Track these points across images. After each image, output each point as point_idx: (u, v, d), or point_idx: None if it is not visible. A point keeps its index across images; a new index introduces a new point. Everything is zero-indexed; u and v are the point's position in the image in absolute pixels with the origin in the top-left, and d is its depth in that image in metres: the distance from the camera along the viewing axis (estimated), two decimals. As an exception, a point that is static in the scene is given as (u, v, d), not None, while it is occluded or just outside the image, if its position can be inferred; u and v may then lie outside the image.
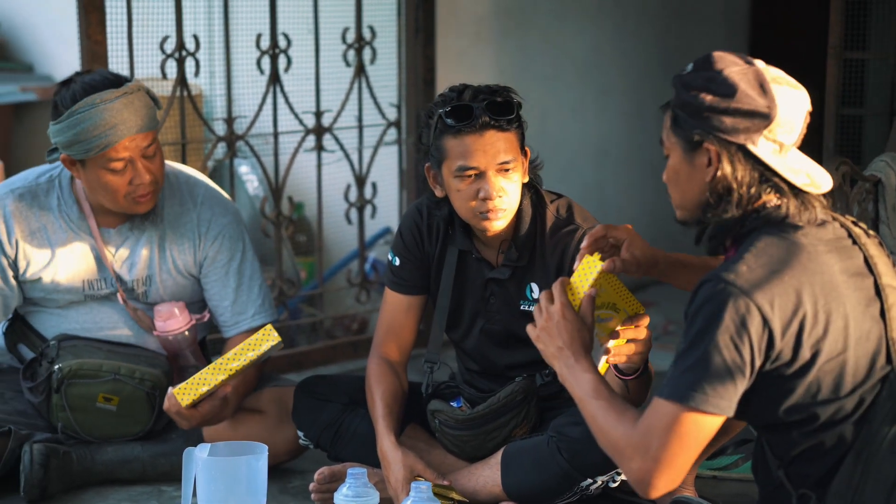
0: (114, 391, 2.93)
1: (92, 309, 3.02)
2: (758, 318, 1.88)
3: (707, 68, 1.98)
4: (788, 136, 1.97)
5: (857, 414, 1.94)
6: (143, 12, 3.63)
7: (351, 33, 4.02)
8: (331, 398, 2.87)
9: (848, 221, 2.05)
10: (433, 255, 2.82)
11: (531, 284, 2.74)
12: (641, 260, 2.29)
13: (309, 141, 3.99)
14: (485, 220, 2.62)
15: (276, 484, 2.92)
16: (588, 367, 2.09)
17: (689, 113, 1.97)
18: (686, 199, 2.03)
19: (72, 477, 2.91)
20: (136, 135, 2.85)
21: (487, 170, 2.58)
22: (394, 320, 2.86)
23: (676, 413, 1.89)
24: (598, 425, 2.02)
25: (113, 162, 2.85)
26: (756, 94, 1.94)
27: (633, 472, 1.94)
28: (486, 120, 2.56)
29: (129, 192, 2.89)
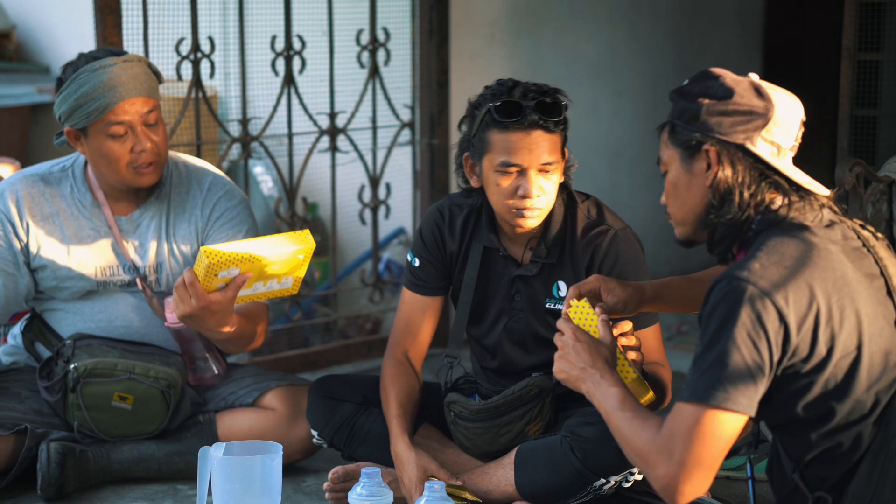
0: (129, 390, 2.95)
1: (105, 304, 3.03)
2: (774, 314, 1.88)
3: (704, 78, 2.02)
4: (785, 138, 1.99)
5: (874, 415, 1.93)
6: (158, 14, 3.65)
7: (365, 35, 4.03)
8: (345, 398, 2.88)
9: (856, 224, 2.05)
10: (456, 253, 2.82)
11: (558, 283, 2.75)
12: (625, 297, 2.29)
13: (323, 142, 4.00)
14: (519, 217, 2.64)
15: (290, 483, 2.94)
16: (614, 382, 2.08)
17: (688, 119, 2.00)
18: (686, 210, 2.04)
19: (88, 475, 2.93)
20: (136, 98, 2.89)
21: (529, 168, 2.60)
22: (410, 321, 2.87)
23: (698, 414, 1.88)
24: (623, 436, 2.01)
25: (113, 126, 2.88)
26: (753, 95, 1.98)
27: (660, 478, 1.92)
28: (534, 119, 2.57)
29: (132, 161, 2.91)
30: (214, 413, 3.05)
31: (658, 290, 2.32)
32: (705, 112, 1.98)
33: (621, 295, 2.28)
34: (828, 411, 1.93)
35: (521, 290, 2.77)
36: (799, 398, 1.93)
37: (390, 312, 4.35)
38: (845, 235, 2.00)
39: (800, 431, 1.97)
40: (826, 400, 1.93)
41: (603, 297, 2.29)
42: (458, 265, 2.83)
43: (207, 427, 3.02)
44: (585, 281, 2.31)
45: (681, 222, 2.07)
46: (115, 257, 3.02)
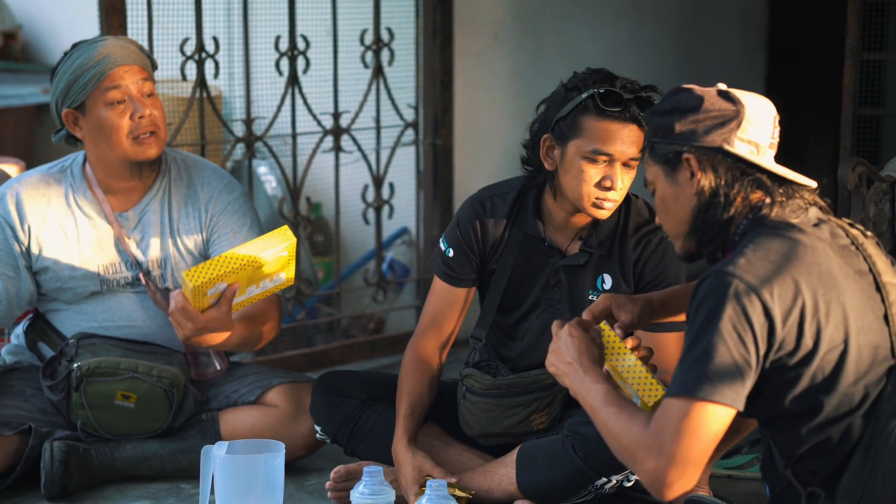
0: (132, 389, 2.96)
1: (109, 304, 3.04)
2: (759, 308, 1.90)
3: (673, 94, 2.08)
4: (761, 136, 2.03)
5: (864, 408, 1.94)
6: (163, 14, 3.66)
7: (369, 35, 4.04)
8: (349, 394, 2.88)
9: (844, 223, 2.07)
10: (498, 241, 2.80)
11: (604, 275, 2.76)
12: (637, 311, 2.30)
13: (327, 142, 4.01)
14: (597, 207, 2.64)
15: (292, 482, 2.94)
16: (598, 379, 2.09)
17: (663, 134, 2.05)
18: (679, 222, 2.08)
19: (92, 474, 2.94)
20: (131, 66, 2.93)
21: (619, 160, 2.61)
22: (439, 311, 2.85)
23: (686, 407, 1.89)
24: (610, 431, 2.02)
25: (110, 91, 2.90)
26: (721, 100, 2.03)
27: (648, 473, 1.92)
28: (635, 113, 2.59)
29: (132, 129, 2.92)
30: (217, 411, 3.06)
31: (665, 300, 2.33)
32: (679, 124, 2.03)
33: (633, 309, 2.29)
34: (816, 405, 1.94)
35: (563, 281, 2.77)
36: (787, 392, 1.95)
37: (394, 312, 4.36)
38: (833, 233, 2.02)
39: (789, 426, 1.98)
40: (814, 393, 1.94)
41: (615, 314, 2.29)
42: (496, 254, 2.81)
43: (210, 425, 3.03)
44: (596, 303, 2.30)
45: (677, 236, 2.11)
46: (117, 254, 3.03)
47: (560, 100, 2.67)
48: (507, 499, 2.71)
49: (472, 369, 2.77)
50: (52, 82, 2.98)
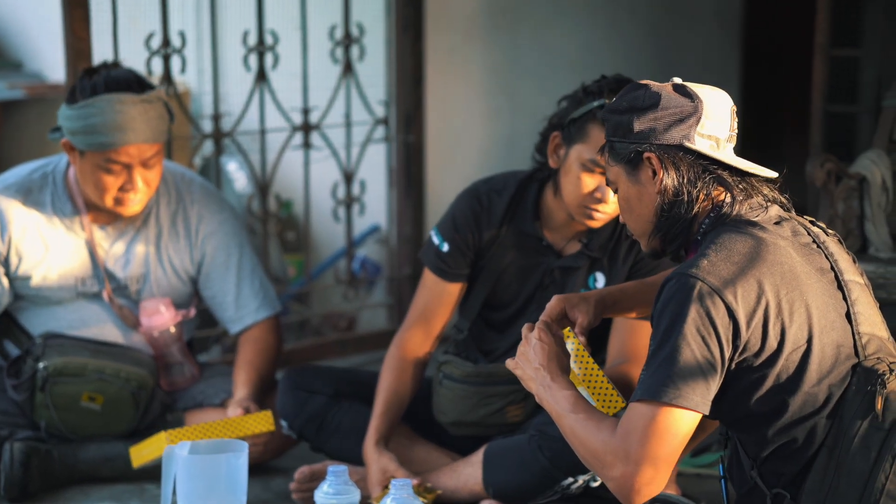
0: (98, 390, 2.92)
1: (80, 306, 3.01)
2: (723, 310, 1.88)
3: (628, 91, 2.06)
4: (720, 129, 2.01)
5: (828, 408, 1.93)
6: (128, 8, 3.61)
7: (339, 30, 4.00)
8: (317, 390, 2.86)
9: (805, 221, 2.06)
10: (493, 238, 2.78)
11: (596, 274, 2.75)
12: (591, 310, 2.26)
13: (296, 138, 3.98)
14: (587, 217, 2.64)
15: (258, 483, 2.91)
16: (565, 385, 2.06)
17: (623, 133, 2.03)
18: (643, 221, 2.06)
19: (54, 475, 2.90)
20: (143, 144, 2.87)
21: None
22: (428, 306, 2.82)
23: (652, 412, 1.88)
24: (577, 438, 1.99)
25: (112, 164, 2.87)
26: (678, 96, 2.01)
27: (616, 479, 1.91)
28: None
29: (118, 197, 2.90)
30: (183, 412, 3.02)
31: (616, 296, 2.31)
32: (637, 122, 2.01)
33: (588, 309, 2.26)
34: (780, 405, 1.93)
35: (556, 281, 2.76)
36: (752, 392, 1.93)
37: (365, 310, 4.33)
38: (795, 231, 2.01)
39: (755, 427, 1.97)
40: (778, 393, 1.93)
41: (570, 315, 2.26)
42: (491, 250, 2.79)
43: (175, 426, 2.99)
44: (550, 306, 2.24)
45: (641, 234, 2.09)
46: (91, 267, 3.00)
47: (577, 101, 2.66)
48: (473, 498, 2.69)
49: (452, 356, 2.75)
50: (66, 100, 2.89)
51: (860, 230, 3.20)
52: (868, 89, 3.94)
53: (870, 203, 3.18)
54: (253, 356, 3.04)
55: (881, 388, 1.90)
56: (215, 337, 3.92)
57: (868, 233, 3.21)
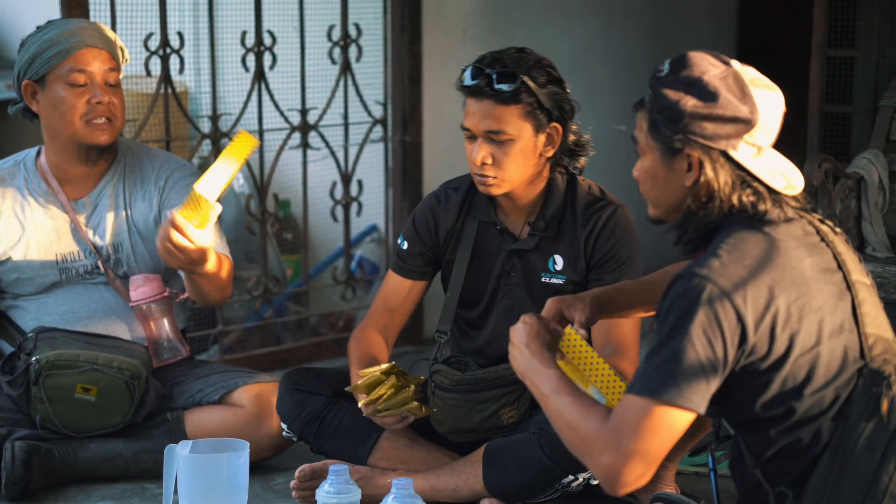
0: (92, 381, 2.92)
1: (68, 296, 3.01)
2: (732, 313, 1.87)
3: (686, 71, 1.96)
4: (767, 138, 1.97)
5: (834, 410, 1.93)
6: (126, 9, 3.63)
7: (337, 31, 4.01)
8: (315, 391, 2.86)
9: (815, 219, 2.04)
10: (451, 230, 2.82)
11: (554, 256, 2.76)
12: (587, 308, 2.27)
13: (294, 138, 3.98)
14: (481, 185, 2.68)
15: (258, 481, 2.92)
16: (547, 363, 2.06)
17: (669, 118, 1.96)
18: (663, 199, 2.02)
19: (54, 474, 2.90)
20: (100, 50, 2.92)
21: (477, 134, 2.65)
22: (388, 301, 2.87)
23: (648, 407, 1.88)
24: (564, 421, 1.99)
25: (74, 73, 2.89)
26: (737, 99, 1.94)
27: (603, 467, 1.91)
28: (480, 86, 2.61)
29: (86, 113, 2.91)
30: (183, 411, 3.03)
31: (612, 296, 2.31)
32: (688, 115, 1.94)
33: (583, 307, 2.27)
34: (787, 409, 1.93)
35: (517, 266, 2.78)
36: (758, 396, 1.93)
37: (363, 310, 4.33)
38: (805, 230, 2.00)
39: (760, 428, 1.97)
40: (785, 398, 1.92)
41: (567, 315, 2.26)
42: (451, 244, 2.83)
43: (176, 425, 2.99)
44: (546, 308, 2.26)
45: (655, 205, 2.05)
46: (75, 243, 3.01)
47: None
48: (474, 497, 2.70)
49: (441, 365, 2.77)
50: (19, 52, 2.96)
51: (858, 230, 3.22)
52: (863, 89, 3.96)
53: (867, 203, 3.20)
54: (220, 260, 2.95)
55: (887, 390, 1.90)
56: (214, 337, 3.93)
57: (865, 232, 3.23)
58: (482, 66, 2.62)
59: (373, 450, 2.80)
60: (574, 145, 2.74)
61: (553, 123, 2.67)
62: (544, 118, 2.65)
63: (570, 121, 2.70)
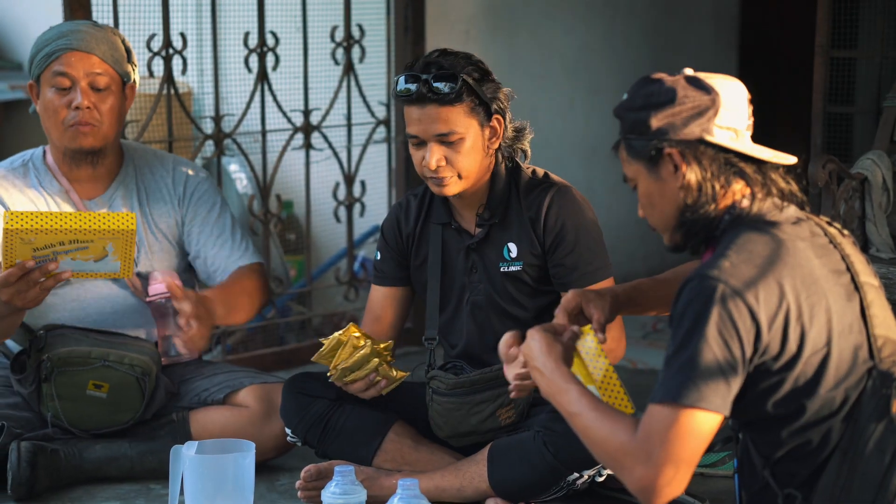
0: (104, 378, 2.93)
1: (77, 294, 3.01)
2: (745, 312, 1.87)
3: (642, 87, 2.04)
4: (738, 120, 2.00)
5: (844, 411, 1.93)
6: (129, 10, 3.63)
7: (340, 31, 4.01)
8: (318, 394, 2.87)
9: (822, 221, 2.05)
10: (411, 235, 2.87)
11: (508, 245, 2.78)
12: (606, 306, 2.28)
13: (297, 139, 3.99)
14: (435, 185, 2.70)
15: (263, 482, 2.92)
16: (567, 378, 2.06)
17: (640, 131, 2.01)
18: (665, 216, 2.05)
19: (60, 475, 2.90)
20: (88, 55, 2.92)
21: (426, 140, 2.66)
22: (372, 311, 2.93)
23: (673, 414, 1.87)
24: (592, 438, 1.99)
25: (58, 77, 2.91)
26: (694, 89, 2.00)
27: (637, 480, 1.90)
28: (422, 92, 2.63)
29: (67, 118, 2.92)
30: (188, 411, 3.03)
31: (630, 294, 2.31)
32: (654, 119, 1.99)
33: (602, 305, 2.27)
34: (798, 408, 1.93)
35: (477, 261, 2.81)
36: (769, 396, 1.93)
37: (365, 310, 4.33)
38: (812, 232, 2.01)
39: (770, 428, 1.97)
40: (796, 397, 1.92)
41: (585, 310, 2.27)
42: (413, 248, 2.87)
43: (181, 425, 3.00)
44: (566, 299, 2.27)
45: (664, 229, 2.07)
46: None
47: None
48: (479, 497, 2.70)
49: (437, 371, 2.78)
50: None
51: (861, 230, 3.22)
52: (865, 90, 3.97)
53: (871, 203, 3.20)
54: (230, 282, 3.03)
55: None
56: (216, 337, 3.93)
57: (869, 233, 3.23)
58: (416, 73, 2.64)
59: (377, 451, 2.80)
60: (515, 132, 2.77)
61: (495, 116, 2.70)
62: (486, 112, 2.69)
63: (506, 110, 2.73)
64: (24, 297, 2.69)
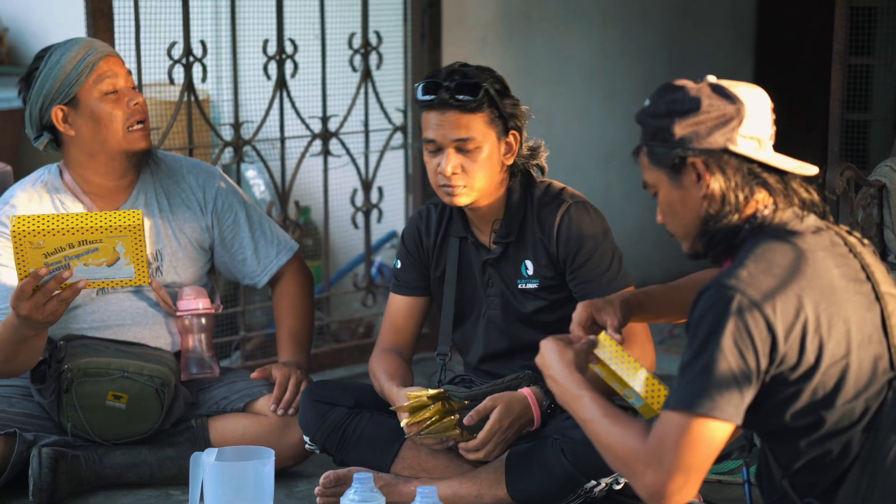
0: (123, 389, 2.95)
1: (98, 305, 3.03)
2: (762, 323, 1.88)
3: (665, 94, 2.03)
4: (762, 129, 2.01)
5: (864, 422, 1.93)
6: (150, 18, 3.65)
7: (357, 39, 4.03)
8: (336, 402, 2.88)
9: (843, 231, 2.05)
10: (431, 247, 2.88)
11: (525, 262, 2.79)
12: (617, 311, 2.28)
13: (315, 146, 4.00)
14: (447, 195, 2.71)
15: (282, 488, 2.94)
16: (582, 385, 2.07)
17: (663, 139, 2.01)
18: (686, 224, 2.04)
19: (80, 481, 2.93)
20: (116, 58, 2.98)
21: (445, 145, 2.67)
22: (393, 322, 2.93)
23: (686, 422, 1.88)
24: (605, 444, 2.00)
25: (104, 80, 2.94)
26: (719, 99, 1.99)
27: (648, 486, 1.91)
28: (444, 98, 2.65)
29: (128, 118, 2.95)
30: (207, 418, 3.05)
31: (641, 300, 2.32)
32: (678, 128, 1.99)
33: (613, 311, 2.27)
34: (817, 419, 1.93)
35: (493, 276, 2.82)
36: (787, 406, 1.93)
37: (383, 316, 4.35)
38: (832, 241, 2.00)
39: (789, 439, 1.97)
40: (815, 408, 1.93)
41: (598, 319, 2.27)
42: (434, 260, 2.88)
43: (200, 432, 3.02)
44: (576, 313, 2.28)
45: (684, 237, 2.07)
46: None
47: None
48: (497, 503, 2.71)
49: (448, 385, 2.79)
50: (29, 88, 2.96)
51: (879, 238, 3.22)
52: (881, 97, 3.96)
53: (889, 211, 3.20)
54: (290, 319, 3.17)
55: None
56: (236, 343, 3.95)
57: (887, 240, 3.22)
58: (439, 80, 2.67)
59: (395, 458, 2.82)
60: (529, 150, 2.79)
61: (512, 131, 2.72)
62: (503, 126, 2.71)
63: (523, 128, 2.75)
64: (42, 311, 2.69)
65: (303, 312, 3.20)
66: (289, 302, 3.18)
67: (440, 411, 2.65)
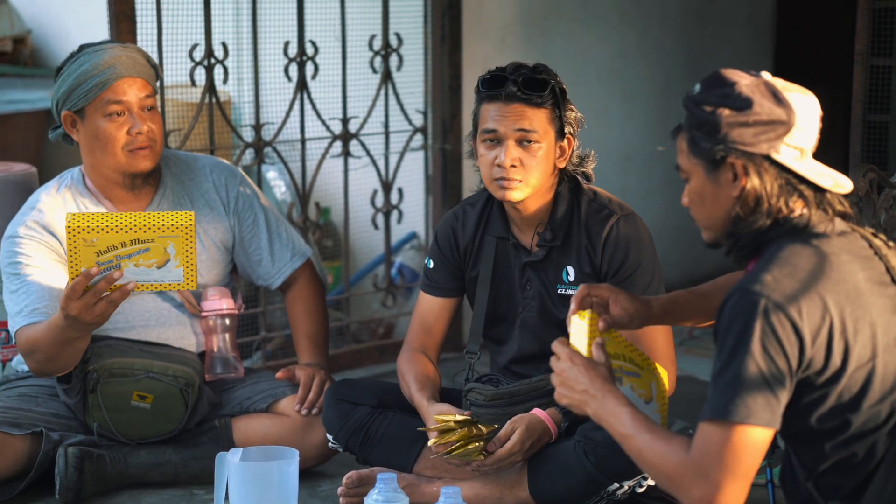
0: (148, 389, 2.97)
1: (123, 307, 3.04)
2: (789, 326, 1.87)
3: (718, 85, 1.98)
4: (807, 140, 1.97)
5: (889, 425, 1.93)
6: (172, 21, 3.67)
7: (378, 40, 4.04)
8: (360, 401, 2.89)
9: (868, 233, 2.03)
10: (469, 247, 2.87)
11: (567, 268, 2.78)
12: (632, 311, 2.27)
13: (336, 147, 4.02)
14: (501, 188, 2.70)
15: (305, 488, 2.95)
16: (620, 401, 2.03)
17: (708, 131, 1.97)
18: (713, 218, 2.02)
19: (106, 480, 2.95)
20: (135, 79, 2.95)
21: (506, 136, 2.67)
22: (423, 322, 2.92)
23: (725, 432, 1.87)
24: (647, 460, 1.98)
25: (111, 105, 2.92)
26: (772, 102, 1.95)
27: (697, 500, 1.89)
28: (513, 91, 2.66)
29: (128, 143, 2.95)
30: (230, 418, 3.07)
31: (666, 306, 2.31)
32: (725, 125, 1.95)
33: (629, 308, 2.26)
34: (842, 423, 1.92)
35: (532, 279, 2.81)
36: (813, 410, 1.93)
37: (403, 317, 4.36)
38: (858, 244, 1.99)
39: (814, 442, 1.96)
40: (841, 411, 1.92)
41: (611, 308, 2.27)
42: (471, 261, 2.87)
43: (224, 432, 3.03)
44: (598, 286, 2.28)
45: (708, 227, 2.05)
46: None
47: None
48: (519, 505, 2.72)
49: (475, 383, 2.79)
50: (55, 80, 2.99)
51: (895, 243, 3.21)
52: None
53: (912, 213, 3.19)
54: (308, 323, 3.21)
55: None
56: (257, 343, 3.97)
57: (910, 242, 3.21)
58: (506, 74, 2.68)
59: (417, 458, 2.83)
60: (579, 158, 2.80)
61: (567, 136, 2.73)
62: (561, 128, 2.72)
63: (576, 136, 2.77)
64: (92, 312, 2.66)
65: (319, 316, 3.23)
66: (303, 307, 3.20)
67: (466, 436, 2.65)
